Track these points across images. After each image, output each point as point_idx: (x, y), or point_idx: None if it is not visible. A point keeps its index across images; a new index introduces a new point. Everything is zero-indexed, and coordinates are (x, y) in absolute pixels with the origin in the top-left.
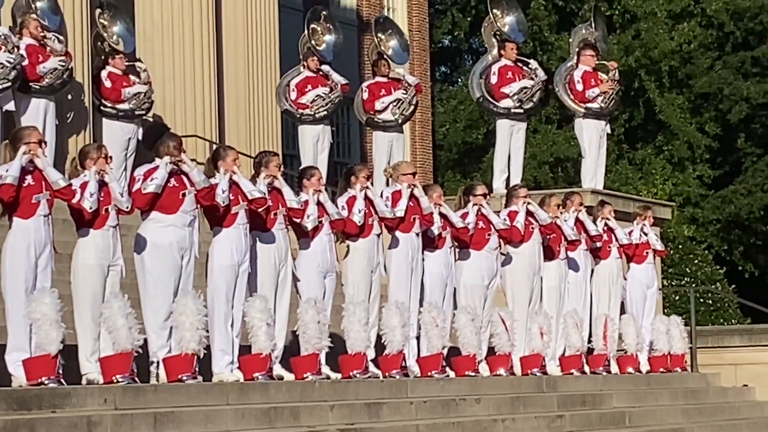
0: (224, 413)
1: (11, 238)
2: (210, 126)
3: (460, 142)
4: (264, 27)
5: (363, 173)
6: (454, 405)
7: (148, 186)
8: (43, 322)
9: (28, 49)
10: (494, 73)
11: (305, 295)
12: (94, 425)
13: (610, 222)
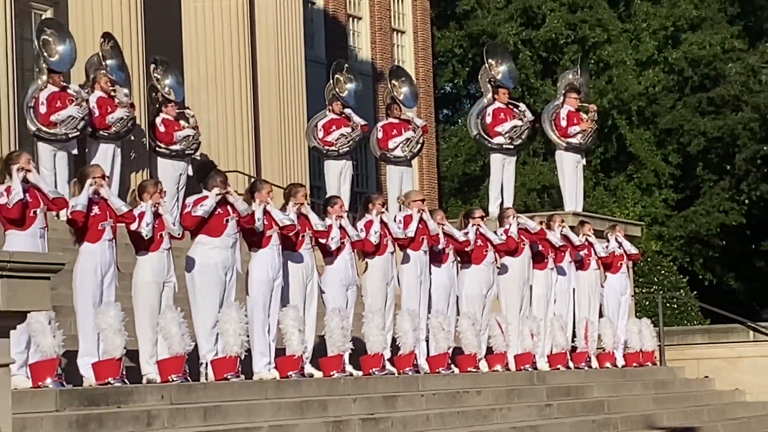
0: (263, 406)
1: (81, 259)
2: (248, 162)
3: (461, 173)
4: (293, 78)
5: (379, 201)
6: (458, 397)
7: (198, 210)
8: (109, 330)
9: (99, 101)
10: (489, 114)
11: (330, 304)
12: (153, 418)
13: (590, 237)
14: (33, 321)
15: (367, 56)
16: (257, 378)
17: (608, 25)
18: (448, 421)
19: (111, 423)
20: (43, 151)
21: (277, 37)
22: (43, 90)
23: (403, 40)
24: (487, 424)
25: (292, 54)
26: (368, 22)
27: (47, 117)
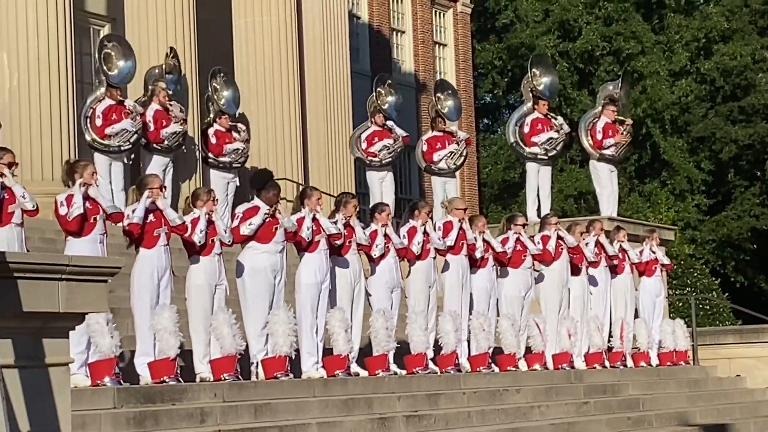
0: (311, 404)
1: (138, 264)
2: (296, 170)
3: (501, 180)
4: (339, 89)
5: (425, 210)
6: (498, 395)
7: (245, 230)
8: (164, 331)
9: (156, 115)
10: (527, 123)
11: (376, 306)
12: (206, 415)
13: (624, 244)
14: (92, 322)
15: (410, 68)
16: (305, 377)
17: (642, 37)
18: (488, 418)
19: (166, 420)
20: (99, 161)
21: (323, 51)
22: (100, 102)
23: (444, 53)
24: (526, 421)
25: (338, 67)
26: (411, 35)
27: (102, 129)
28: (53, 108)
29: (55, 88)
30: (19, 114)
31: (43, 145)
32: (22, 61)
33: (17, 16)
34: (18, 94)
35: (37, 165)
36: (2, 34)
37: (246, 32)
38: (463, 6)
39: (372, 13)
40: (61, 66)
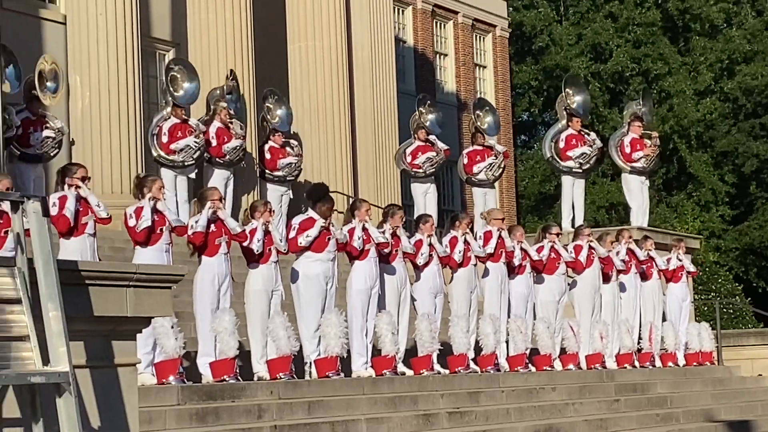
0: (360, 401)
1: (200, 271)
2: (347, 183)
3: (537, 193)
4: (386, 108)
5: (465, 221)
6: (535, 392)
7: (302, 241)
8: (224, 333)
9: (218, 131)
10: (562, 139)
11: (421, 310)
12: (263, 411)
13: (652, 252)
14: (158, 325)
15: (452, 89)
16: (355, 375)
17: (669, 59)
18: (526, 414)
19: (226, 416)
20: (165, 175)
21: (372, 73)
22: (166, 121)
23: (484, 74)
24: (561, 417)
25: (385, 87)
26: (453, 58)
27: (167, 146)
28: (122, 126)
29: (125, 107)
30: (91, 132)
31: (113, 161)
32: (94, 83)
33: (89, 41)
34: (90, 113)
35: (108, 179)
36: (76, 58)
37: (300, 56)
38: (502, 30)
39: (417, 37)
40: (130, 87)
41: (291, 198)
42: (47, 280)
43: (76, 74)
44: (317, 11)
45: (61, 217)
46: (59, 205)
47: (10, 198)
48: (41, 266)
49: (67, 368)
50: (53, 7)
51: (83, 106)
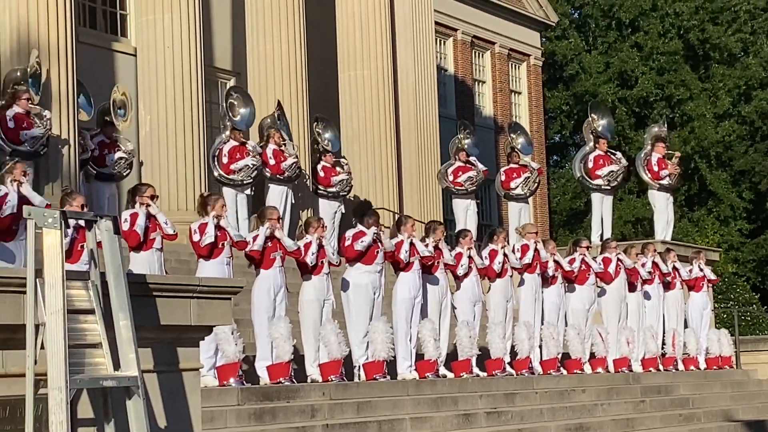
0: (405, 402)
1: (258, 282)
2: (393, 200)
3: (568, 209)
4: (429, 131)
5: (502, 234)
6: (566, 394)
7: (358, 245)
8: (280, 339)
9: (274, 152)
10: (590, 160)
11: (461, 318)
12: (316, 411)
13: (676, 263)
14: (219, 332)
15: (489, 113)
16: (400, 378)
17: (690, 85)
18: (558, 414)
19: (282, 415)
20: (226, 193)
21: (415, 99)
22: (226, 143)
23: (519, 100)
24: (590, 417)
25: (428, 112)
26: (490, 85)
27: (227, 166)
28: (187, 148)
29: (189, 132)
30: (159, 154)
31: (179, 180)
32: (162, 110)
33: (157, 71)
34: (158, 137)
35: (174, 197)
36: (145, 86)
37: (349, 83)
38: (535, 59)
39: (457, 66)
40: (194, 113)
41: (343, 213)
42: (118, 292)
43: (146, 101)
44: (365, 42)
45: (132, 232)
46: (130, 222)
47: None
48: (113, 279)
49: (136, 373)
50: (125, 40)
51: (151, 130)
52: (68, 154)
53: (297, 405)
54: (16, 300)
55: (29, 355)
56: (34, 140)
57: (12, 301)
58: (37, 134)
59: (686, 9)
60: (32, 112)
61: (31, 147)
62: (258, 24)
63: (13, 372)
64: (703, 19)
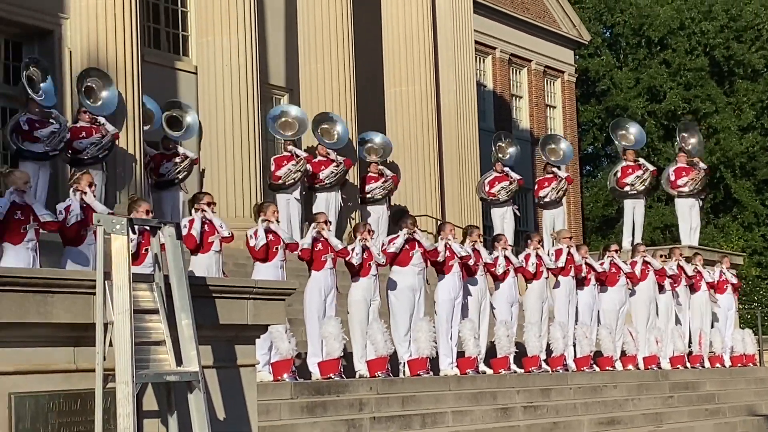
0: (447, 396)
1: (309, 283)
2: (435, 208)
3: (600, 215)
4: (469, 143)
5: (536, 239)
6: (599, 389)
7: (390, 247)
8: (330, 337)
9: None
10: (618, 171)
11: (499, 317)
12: (364, 405)
13: (699, 267)
14: (274, 330)
15: (526, 126)
16: (443, 374)
17: (716, 99)
18: (591, 408)
19: (332, 408)
20: (279, 199)
21: (456, 113)
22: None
23: (554, 113)
24: (621, 411)
25: (468, 125)
26: (527, 100)
27: (275, 173)
28: (244, 159)
29: (246, 144)
30: (218, 164)
31: (236, 189)
32: (220, 123)
33: (216, 88)
34: (217, 149)
35: (231, 204)
36: (205, 101)
37: (395, 98)
38: (569, 75)
39: (495, 82)
40: (251, 127)
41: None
42: (180, 294)
43: (205, 116)
44: (410, 61)
45: (189, 236)
46: (188, 227)
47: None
48: (175, 282)
49: (197, 368)
50: (186, 60)
51: (210, 142)
52: (134, 164)
53: (346, 399)
54: (87, 301)
55: (99, 351)
56: (93, 146)
57: (83, 301)
58: (95, 140)
59: (712, 28)
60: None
61: (92, 153)
62: (310, 44)
63: (84, 367)
64: (727, 37)
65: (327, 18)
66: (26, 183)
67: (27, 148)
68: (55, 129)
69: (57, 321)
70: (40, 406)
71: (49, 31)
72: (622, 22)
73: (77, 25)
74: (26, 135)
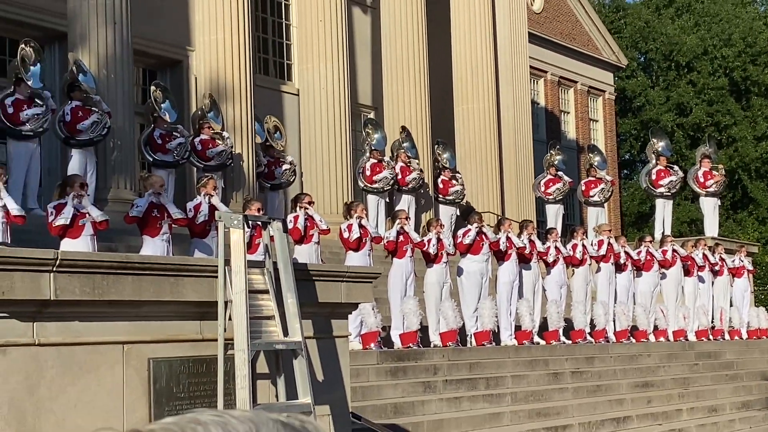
0: (507, 363)
1: (393, 269)
2: (497, 205)
3: (636, 212)
4: (524, 151)
5: (581, 231)
6: (635, 358)
7: (465, 239)
8: (410, 313)
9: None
10: (653, 173)
11: (550, 297)
12: (437, 369)
13: (723, 254)
14: (363, 307)
15: (573, 137)
16: (503, 344)
17: (734, 113)
18: (628, 374)
19: (411, 372)
20: (370, 200)
21: (514, 126)
22: (367, 162)
23: (596, 126)
24: (654, 376)
25: (524, 137)
26: (574, 114)
27: (371, 178)
28: (338, 165)
29: (338, 152)
30: (316, 169)
31: (332, 189)
32: (318, 135)
33: (314, 107)
34: (315, 156)
35: (328, 203)
36: (306, 118)
37: (462, 114)
38: (609, 94)
39: (547, 100)
40: (343, 139)
41: (458, 215)
42: (286, 277)
43: (306, 130)
44: (475, 82)
45: (294, 229)
46: (294, 221)
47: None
48: (282, 267)
49: (300, 339)
50: (290, 83)
51: (310, 151)
52: (248, 170)
53: (422, 364)
54: (211, 283)
55: (220, 324)
56: (220, 155)
57: (207, 283)
58: (221, 150)
59: (731, 53)
60: (215, 136)
61: (219, 161)
62: (391, 69)
63: (208, 337)
64: (745, 61)
65: (405, 47)
66: (162, 186)
67: (159, 158)
68: (181, 141)
69: (186, 299)
70: (173, 369)
71: (178, 62)
72: (654, 48)
73: (201, 56)
74: (158, 147)
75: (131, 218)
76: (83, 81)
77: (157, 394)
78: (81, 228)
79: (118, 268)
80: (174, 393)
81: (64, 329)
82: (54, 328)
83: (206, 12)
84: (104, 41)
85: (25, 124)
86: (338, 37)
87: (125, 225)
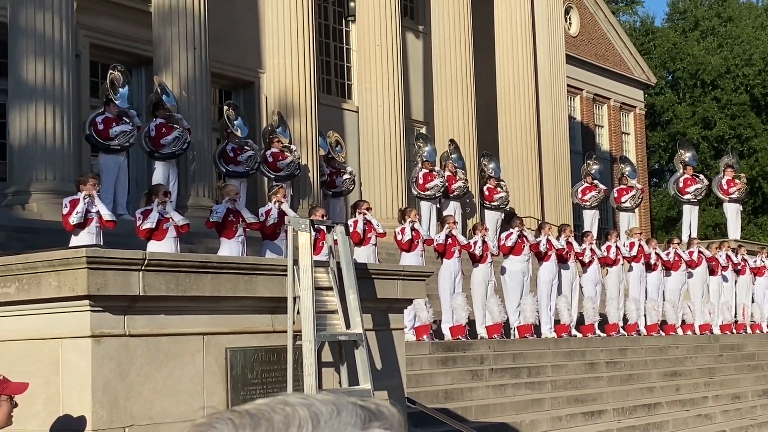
0: (547, 353)
1: (442, 269)
2: (536, 210)
3: (665, 216)
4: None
5: (614, 234)
6: (665, 349)
7: (507, 242)
8: (458, 308)
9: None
10: (681, 181)
11: (586, 294)
12: (484, 359)
13: (745, 255)
14: (416, 303)
15: (606, 148)
16: (544, 336)
17: (755, 127)
18: (658, 364)
19: (460, 362)
20: (423, 206)
21: (553, 139)
22: (420, 171)
23: (628, 139)
24: (682, 366)
25: (562, 148)
26: (607, 128)
27: (423, 186)
28: (394, 175)
29: (395, 164)
30: (373, 178)
31: (387, 196)
32: (375, 148)
33: (372, 123)
34: (373, 166)
35: (384, 208)
36: (364, 133)
37: (506, 127)
38: (640, 110)
39: (583, 115)
40: (398, 151)
41: (502, 219)
42: (348, 275)
43: (364, 143)
44: (517, 98)
45: (354, 233)
46: (353, 226)
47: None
48: (344, 266)
49: (361, 331)
50: (350, 102)
51: (368, 161)
52: (312, 180)
53: (470, 355)
54: (281, 280)
55: (289, 317)
56: (289, 166)
57: (278, 281)
58: (289, 161)
59: (752, 72)
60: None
61: (288, 171)
62: (441, 87)
63: (279, 329)
64: (765, 79)
65: (454, 68)
66: (237, 194)
67: (231, 169)
68: (251, 154)
69: (259, 295)
70: (248, 358)
71: (250, 83)
72: (681, 68)
73: (271, 77)
74: (230, 159)
75: (212, 223)
76: (166, 101)
77: (234, 380)
78: (165, 231)
79: (199, 267)
80: (248, 379)
81: (152, 321)
82: (142, 320)
83: (275, 38)
84: (185, 65)
85: (113, 140)
86: (393, 60)
87: (204, 228)
